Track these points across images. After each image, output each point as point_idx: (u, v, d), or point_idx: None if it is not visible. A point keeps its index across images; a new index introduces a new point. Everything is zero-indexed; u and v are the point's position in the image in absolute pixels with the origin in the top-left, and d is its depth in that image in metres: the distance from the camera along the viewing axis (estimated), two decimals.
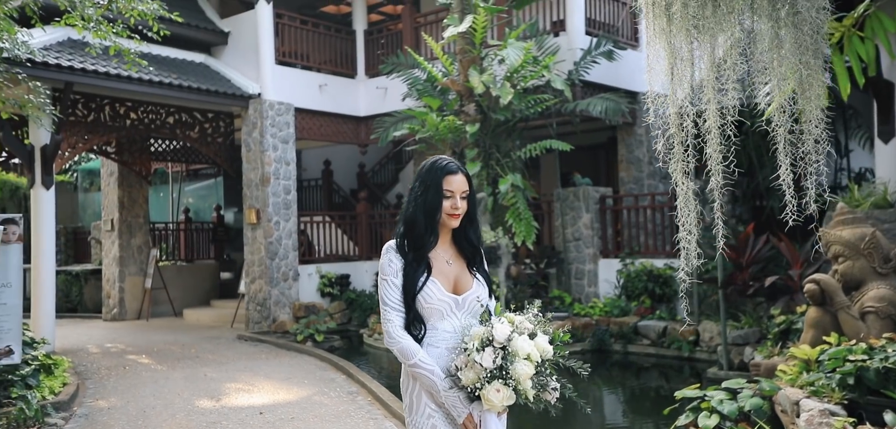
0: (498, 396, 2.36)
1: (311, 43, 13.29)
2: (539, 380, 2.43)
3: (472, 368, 2.40)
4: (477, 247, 2.67)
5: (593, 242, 11.20)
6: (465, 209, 2.57)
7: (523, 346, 2.40)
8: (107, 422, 6.21)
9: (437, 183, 2.53)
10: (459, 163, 2.63)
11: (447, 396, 2.45)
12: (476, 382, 2.39)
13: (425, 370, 2.45)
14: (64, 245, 18.13)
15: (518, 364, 2.37)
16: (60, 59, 9.94)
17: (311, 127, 12.90)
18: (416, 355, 2.46)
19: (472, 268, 2.63)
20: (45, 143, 10.40)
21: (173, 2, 12.29)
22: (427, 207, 2.53)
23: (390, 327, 2.50)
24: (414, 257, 2.53)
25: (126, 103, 11.51)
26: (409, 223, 2.55)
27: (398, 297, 2.52)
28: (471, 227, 2.64)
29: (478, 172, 9.57)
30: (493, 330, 2.42)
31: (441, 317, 2.53)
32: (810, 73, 3.06)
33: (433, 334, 2.52)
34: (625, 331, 10.05)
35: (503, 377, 2.37)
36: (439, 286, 2.52)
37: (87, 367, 8.76)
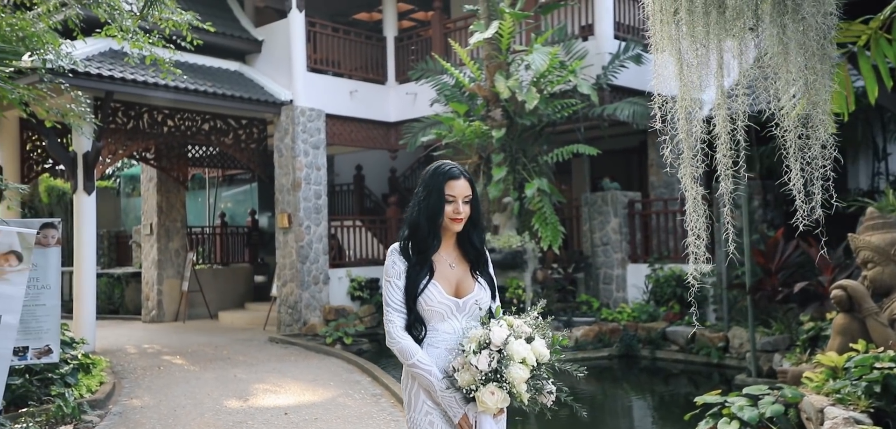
0: (492, 398, 2.40)
1: (343, 50, 13.50)
2: (535, 383, 2.45)
3: (468, 369, 2.44)
4: (480, 251, 2.70)
5: (622, 246, 11.14)
6: (467, 214, 2.60)
7: (519, 349, 2.42)
8: (139, 420, 6.43)
9: (439, 188, 2.57)
10: (463, 168, 2.66)
11: (444, 396, 2.49)
12: (471, 383, 2.42)
13: (423, 370, 2.50)
14: (107, 249, 18.67)
15: (513, 368, 2.40)
16: (101, 70, 10.29)
17: (342, 132, 13.10)
18: (415, 354, 2.51)
19: (475, 272, 2.66)
20: (86, 150, 10.78)
21: (209, 12, 12.68)
22: (429, 212, 2.57)
23: (391, 328, 2.55)
24: (417, 260, 2.58)
25: (163, 111, 11.85)
26: (412, 227, 2.60)
27: (400, 298, 2.57)
28: (474, 231, 2.67)
29: (504, 177, 9.61)
30: (490, 333, 2.45)
31: (442, 319, 2.57)
32: (816, 78, 3.05)
33: (434, 335, 2.57)
34: (653, 336, 9.99)
35: (498, 380, 2.40)
36: (440, 289, 2.57)
37: (124, 366, 9.04)
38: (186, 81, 10.98)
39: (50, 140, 10.85)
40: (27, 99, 8.46)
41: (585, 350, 9.78)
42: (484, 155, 9.90)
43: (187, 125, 12.18)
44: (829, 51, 3.09)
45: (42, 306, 6.44)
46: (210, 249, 16.38)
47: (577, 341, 9.79)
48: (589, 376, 9.32)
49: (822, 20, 3.03)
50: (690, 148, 3.55)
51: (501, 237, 9.67)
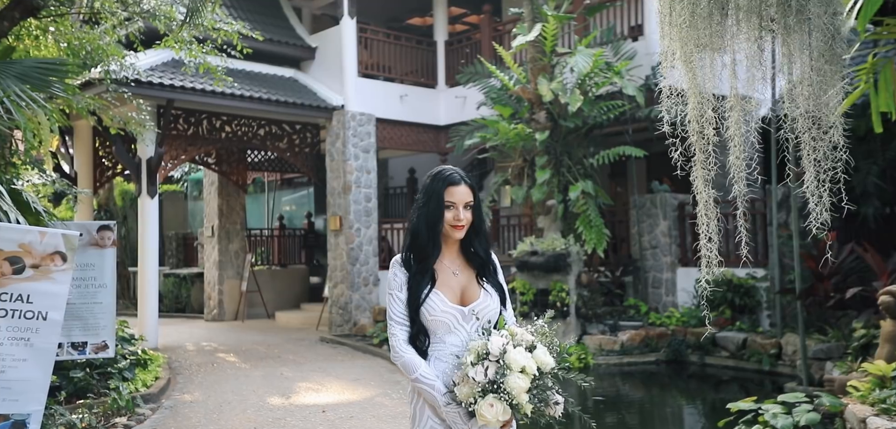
0: (491, 411, 2.30)
1: (394, 55, 13.74)
2: (538, 394, 2.34)
3: (467, 382, 2.35)
4: (485, 258, 2.60)
5: (671, 250, 10.94)
6: (469, 220, 2.51)
7: (517, 358, 2.33)
8: (187, 414, 6.74)
9: (438, 193, 2.49)
10: (464, 173, 2.59)
11: (447, 412, 2.41)
12: (470, 397, 2.33)
13: (426, 384, 2.42)
14: (175, 250, 19.46)
15: (511, 378, 2.30)
16: (163, 79, 10.80)
17: (392, 136, 13.31)
18: (418, 369, 2.43)
19: (480, 278, 2.56)
20: (150, 155, 11.33)
21: (266, 22, 13.13)
22: (428, 219, 2.49)
23: (394, 341, 2.47)
24: (418, 270, 2.50)
25: (221, 117, 12.32)
26: (413, 235, 2.52)
27: (402, 310, 2.49)
28: (476, 238, 2.57)
29: (548, 180, 9.59)
30: (489, 343, 2.37)
31: (448, 330, 2.48)
32: (824, 79, 2.99)
33: (441, 347, 2.48)
34: (702, 342, 9.76)
35: (496, 391, 2.30)
36: (443, 298, 2.48)
37: (181, 363, 9.45)
38: (241, 88, 11.41)
39: (117, 146, 11.44)
40: (93, 108, 8.99)
41: (631, 355, 9.66)
42: (528, 158, 9.91)
43: (244, 131, 12.62)
44: (838, 51, 3.03)
45: (99, 304, 6.84)
46: (268, 251, 16.89)
47: (623, 345, 9.68)
48: (635, 380, 9.27)
49: (829, 21, 2.97)
50: (702, 150, 3.53)
51: (545, 240, 9.65)
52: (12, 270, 4.16)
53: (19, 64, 6.28)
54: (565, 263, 9.40)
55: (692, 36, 3.16)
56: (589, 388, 2.59)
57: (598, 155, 10.20)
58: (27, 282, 4.20)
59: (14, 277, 4.17)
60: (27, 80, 5.88)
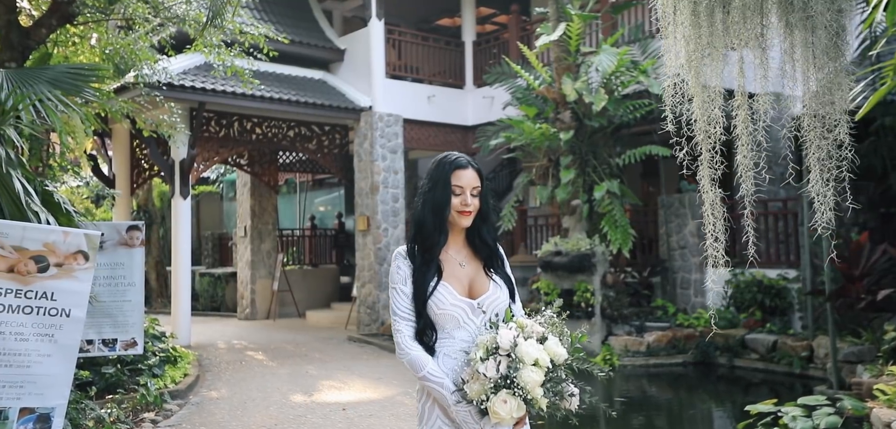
0: (505, 407, 2.18)
1: (422, 56, 13.82)
2: (553, 387, 2.23)
3: (477, 379, 2.23)
4: (493, 247, 2.48)
5: (700, 250, 10.78)
6: (476, 206, 2.40)
7: (530, 351, 2.21)
8: (212, 410, 6.89)
9: (445, 179, 2.38)
10: (470, 158, 2.47)
11: (457, 411, 2.29)
12: (482, 394, 2.21)
13: (435, 383, 2.30)
14: (211, 250, 19.85)
15: (524, 371, 2.18)
16: (195, 82, 11.04)
17: (420, 137, 13.38)
18: (426, 366, 2.31)
19: (488, 269, 2.46)
20: (183, 157, 11.59)
21: (295, 25, 13.32)
22: (435, 205, 2.37)
23: (400, 338, 2.35)
24: (423, 260, 2.38)
25: (252, 119, 12.54)
26: (418, 224, 2.41)
27: (407, 305, 2.37)
28: (484, 225, 2.45)
29: (573, 179, 9.54)
30: (498, 336, 2.25)
31: (457, 324, 2.36)
32: (827, 77, 2.94)
33: (450, 343, 2.36)
34: (731, 344, 9.60)
35: (509, 387, 2.19)
36: (451, 290, 2.36)
37: (211, 360, 9.65)
38: (270, 90, 11.61)
39: (151, 148, 11.73)
40: (127, 111, 9.25)
41: (658, 356, 9.55)
42: (553, 158, 9.87)
43: (274, 132, 12.82)
44: (842, 49, 2.97)
45: (128, 302, 7.04)
46: (300, 251, 17.12)
47: (649, 346, 9.57)
48: (661, 382, 9.17)
49: (833, 18, 2.92)
50: (709, 150, 3.50)
51: (570, 240, 9.60)
52: (37, 268, 4.33)
53: (51, 70, 6.48)
54: (590, 263, 9.34)
55: (694, 35, 3.13)
56: (605, 379, 2.50)
57: (624, 154, 10.11)
58: (51, 280, 4.36)
59: (39, 276, 4.33)
60: (59, 86, 6.07)
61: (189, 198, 11.76)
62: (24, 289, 4.31)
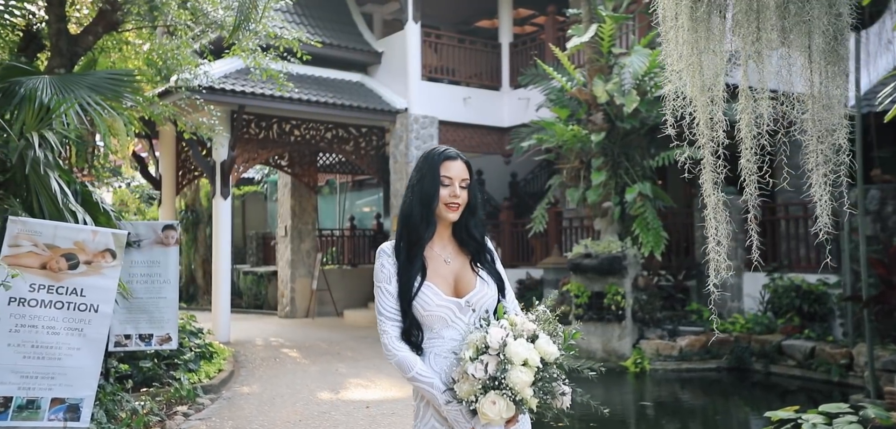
0: (494, 408, 2.14)
1: (458, 58, 13.90)
2: (543, 386, 2.17)
3: (466, 379, 2.19)
4: (480, 241, 2.41)
5: (737, 253, 10.57)
6: (465, 199, 2.35)
7: (519, 351, 2.15)
8: (241, 405, 7.09)
9: (433, 169, 2.33)
10: (458, 150, 2.44)
11: (448, 411, 2.25)
12: (471, 395, 2.17)
13: (425, 384, 2.26)
14: (255, 249, 20.32)
15: (513, 372, 2.13)
16: (234, 86, 11.35)
17: (455, 138, 13.46)
18: (415, 367, 2.26)
19: (475, 265, 2.39)
20: (223, 158, 11.92)
21: (334, 28, 13.56)
22: (423, 196, 2.32)
23: (386, 339, 2.30)
24: (407, 257, 2.32)
25: (290, 121, 12.81)
26: (405, 217, 2.36)
27: (393, 305, 2.31)
28: (472, 219, 2.40)
29: (604, 181, 9.49)
30: (487, 336, 2.20)
31: (445, 324, 2.31)
32: (825, 80, 2.89)
33: (439, 342, 2.31)
34: (767, 350, 9.40)
35: (498, 387, 2.14)
36: (436, 291, 2.30)
37: (246, 356, 9.92)
38: (307, 93, 11.86)
39: (193, 150, 12.11)
40: (169, 114, 9.58)
41: (690, 361, 9.42)
42: (585, 159, 9.82)
43: (312, 134, 13.08)
44: (841, 52, 2.92)
45: (163, 299, 7.29)
46: (339, 251, 17.39)
47: (682, 350, 9.45)
48: (694, 387, 9.04)
49: (830, 22, 2.88)
50: (712, 153, 3.48)
51: (601, 242, 9.55)
52: (68, 265, 4.55)
53: (92, 76, 6.76)
54: (621, 265, 9.27)
55: (691, 39, 3.12)
56: (595, 377, 2.37)
57: (660, 156, 9.99)
58: (81, 277, 4.58)
59: (70, 273, 4.56)
60: (98, 91, 6.33)
61: (229, 198, 12.09)
62: (56, 285, 4.55)
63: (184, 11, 8.83)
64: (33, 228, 4.53)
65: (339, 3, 14.40)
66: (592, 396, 3.27)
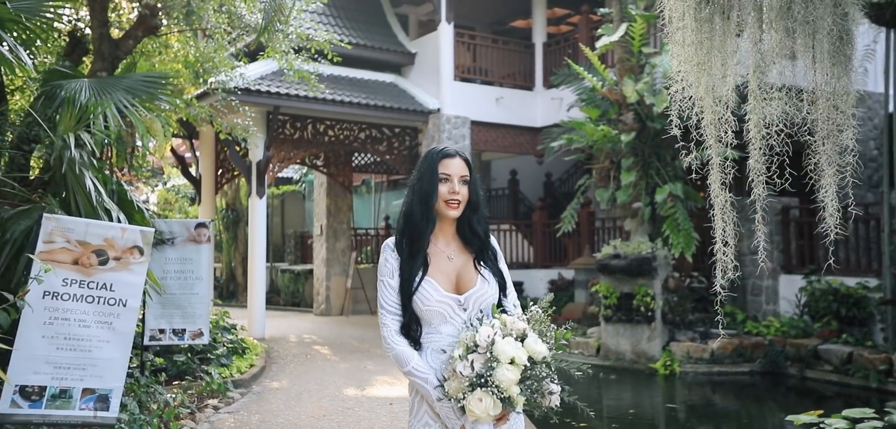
0: (480, 406, 2.17)
1: (492, 58, 13.94)
2: (530, 385, 2.20)
3: (455, 377, 2.23)
4: (484, 239, 2.44)
5: (773, 256, 10.37)
6: (465, 196, 2.38)
7: (505, 349, 2.18)
8: (269, 399, 7.26)
9: (432, 167, 2.38)
10: (458, 148, 2.48)
11: (440, 407, 2.29)
12: (459, 392, 2.21)
13: (420, 378, 2.30)
14: (293, 247, 20.67)
15: (500, 370, 2.16)
16: (269, 87, 11.59)
17: (487, 139, 13.49)
18: (411, 362, 2.31)
19: (478, 263, 2.41)
20: (259, 158, 12.18)
21: (368, 29, 13.73)
22: (422, 194, 2.37)
23: (386, 332, 2.36)
24: (410, 252, 2.37)
25: (325, 121, 13.00)
26: (406, 215, 2.41)
27: (394, 299, 2.37)
28: (474, 215, 2.43)
29: (634, 182, 9.41)
30: (476, 334, 2.24)
31: (444, 320, 2.34)
32: (831, 80, 2.85)
33: (437, 338, 2.34)
34: (803, 354, 9.20)
35: (485, 385, 2.17)
36: (436, 286, 2.34)
37: (279, 352, 10.12)
38: (340, 94, 12.04)
39: (230, 150, 12.39)
40: (205, 116, 9.84)
41: (722, 364, 9.28)
42: (614, 160, 9.76)
43: (346, 134, 13.25)
44: (847, 52, 2.88)
45: (196, 295, 7.51)
46: (374, 250, 17.57)
47: (713, 353, 9.31)
48: (725, 390, 8.92)
49: (834, 22, 2.84)
50: (719, 154, 3.46)
51: (631, 243, 9.47)
52: (98, 261, 4.74)
53: (128, 78, 6.99)
54: (650, 267, 9.18)
55: (696, 39, 3.11)
56: (583, 375, 2.39)
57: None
58: (110, 272, 4.77)
59: (100, 268, 4.74)
60: (134, 93, 6.54)
61: (265, 197, 12.34)
62: (87, 280, 4.74)
63: (220, 15, 9.06)
64: (66, 225, 4.72)
65: (374, 5, 14.57)
66: (621, 397, 3.17)
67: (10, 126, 6.37)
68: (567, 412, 7.54)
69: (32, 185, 6.23)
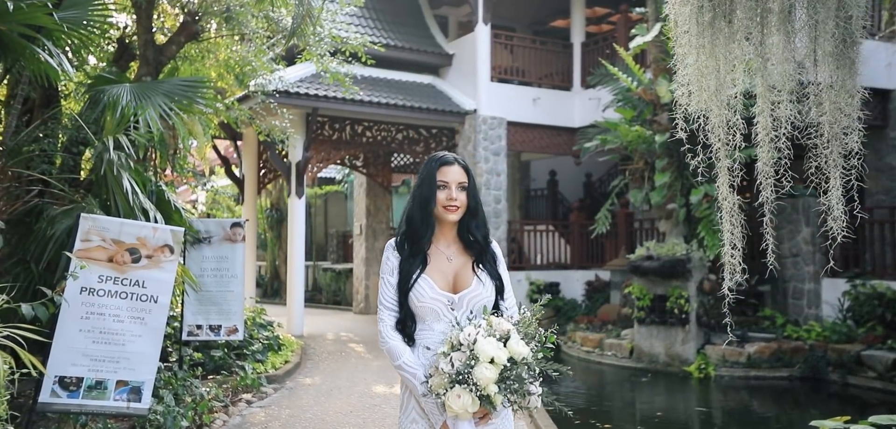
0: (459, 402, 2.24)
1: (529, 58, 13.92)
2: (509, 385, 2.26)
3: (438, 373, 2.31)
4: (483, 243, 2.52)
5: (814, 258, 10.12)
6: (463, 202, 2.47)
7: (486, 349, 2.25)
8: (301, 395, 7.44)
9: (431, 174, 2.48)
10: (458, 155, 2.57)
11: (425, 402, 2.38)
12: (440, 387, 2.29)
13: (408, 373, 2.40)
14: (335, 246, 20.99)
15: (478, 369, 2.23)
16: (308, 90, 11.83)
17: (524, 139, 13.49)
18: (402, 356, 2.41)
19: (477, 266, 2.50)
20: (298, 159, 12.44)
21: (407, 33, 13.88)
22: (422, 199, 2.48)
23: (382, 326, 2.48)
24: (410, 253, 2.47)
25: (362, 123, 13.20)
26: (407, 218, 2.51)
27: (392, 295, 2.49)
28: (473, 221, 2.52)
29: (668, 183, 9.30)
30: (461, 333, 2.32)
31: (436, 317, 2.43)
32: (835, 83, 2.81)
33: (429, 334, 2.43)
34: (845, 359, 8.96)
35: (464, 382, 2.25)
36: (431, 284, 2.43)
37: (314, 349, 10.33)
38: (377, 95, 12.21)
39: (271, 152, 12.69)
40: (245, 118, 10.11)
41: (759, 368, 9.09)
42: (649, 160, 9.66)
43: (383, 135, 13.42)
44: (851, 55, 2.84)
45: (231, 293, 7.74)
46: None
47: (750, 357, 9.13)
48: (761, 395, 8.76)
49: (837, 25, 2.81)
50: (727, 156, 3.45)
51: (665, 245, 9.36)
52: (131, 259, 4.96)
53: (167, 83, 7.25)
54: (684, 268, 9.06)
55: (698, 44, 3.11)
56: (564, 375, 2.42)
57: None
58: (143, 270, 4.98)
59: (133, 266, 4.96)
60: (172, 97, 6.79)
61: (304, 197, 12.59)
62: (121, 277, 4.96)
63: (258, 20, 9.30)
64: (102, 225, 4.96)
65: (412, 7, 14.71)
66: (654, 400, 3.10)
67: (62, 129, 6.69)
68: (592, 414, 7.52)
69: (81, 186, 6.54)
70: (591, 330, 10.91)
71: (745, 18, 2.90)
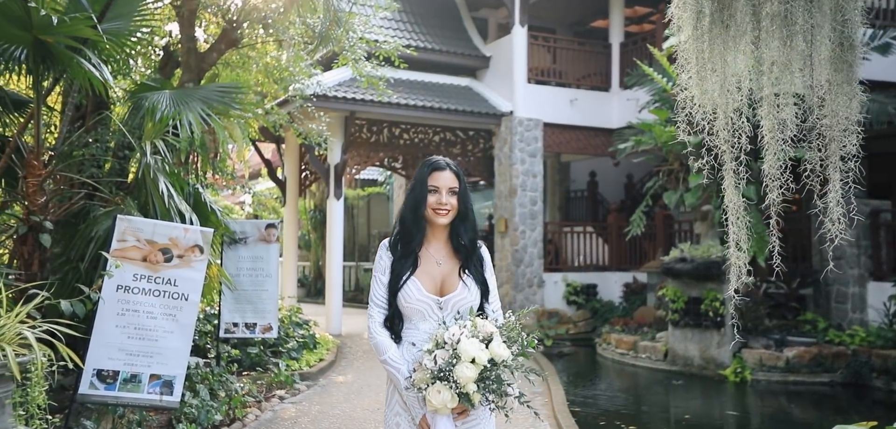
0: (438, 397, 2.36)
1: (568, 59, 13.88)
2: (488, 384, 2.38)
3: (421, 369, 2.43)
4: (471, 247, 2.61)
5: (860, 261, 9.84)
6: (454, 206, 2.56)
7: (468, 349, 2.36)
8: (332, 392, 7.61)
9: (423, 178, 2.57)
10: (450, 160, 2.65)
11: (407, 395, 2.49)
12: (423, 383, 2.41)
13: (393, 368, 2.51)
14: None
15: (459, 367, 2.35)
16: (345, 93, 12.05)
17: (561, 140, 13.45)
18: (387, 351, 2.52)
19: (463, 270, 2.59)
20: (336, 161, 12.68)
21: (445, 36, 14.00)
22: (414, 203, 2.57)
23: (370, 323, 2.58)
24: (401, 254, 2.57)
25: (400, 125, 13.36)
26: (401, 221, 2.63)
27: (382, 294, 2.58)
28: (463, 225, 2.60)
29: (704, 184, 9.17)
30: (446, 333, 2.43)
31: (422, 317, 2.54)
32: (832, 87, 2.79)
33: (415, 333, 2.55)
34: (890, 365, 8.70)
35: (445, 379, 2.36)
36: (419, 286, 2.54)
37: (350, 348, 10.52)
38: (414, 98, 12.36)
39: (310, 155, 12.96)
40: (284, 122, 10.38)
41: (798, 373, 8.89)
42: (684, 161, 9.54)
43: (420, 138, 13.57)
44: (849, 58, 2.82)
45: (266, 292, 7.97)
46: None
47: (788, 361, 8.94)
48: (800, 401, 8.59)
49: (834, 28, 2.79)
50: (733, 158, 3.45)
51: (700, 247, 9.24)
52: (164, 259, 5.19)
53: (205, 89, 7.51)
54: (719, 270, 8.92)
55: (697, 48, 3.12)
56: (538, 377, 2.51)
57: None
58: (174, 269, 5.20)
59: (165, 265, 5.18)
60: (209, 103, 7.03)
61: (342, 198, 12.83)
62: (154, 275, 5.19)
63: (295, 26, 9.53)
64: (136, 226, 5.20)
65: (450, 10, 14.82)
66: (688, 404, 3.04)
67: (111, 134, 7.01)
68: (620, 417, 7.48)
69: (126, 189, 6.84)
70: (627, 332, 10.83)
71: (743, 22, 2.90)
